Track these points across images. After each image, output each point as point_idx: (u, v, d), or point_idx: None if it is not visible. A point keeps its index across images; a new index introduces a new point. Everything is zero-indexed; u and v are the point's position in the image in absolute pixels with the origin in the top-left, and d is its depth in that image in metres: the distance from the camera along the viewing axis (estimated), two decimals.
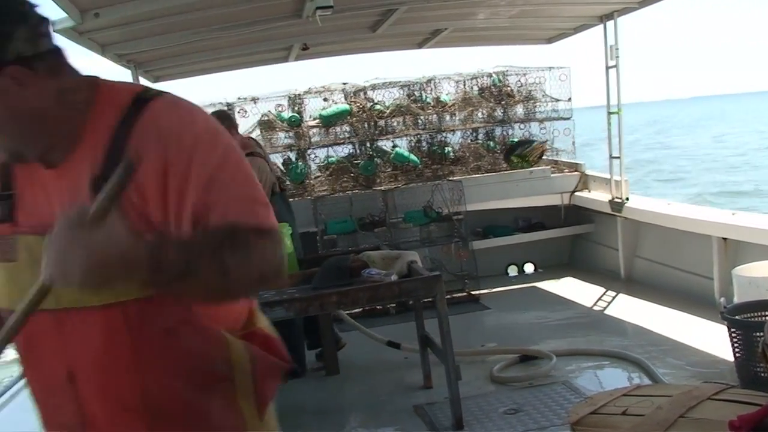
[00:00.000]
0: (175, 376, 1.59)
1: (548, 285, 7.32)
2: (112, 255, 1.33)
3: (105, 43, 5.38)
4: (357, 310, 6.77)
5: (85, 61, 1.76)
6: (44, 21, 1.50)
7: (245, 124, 7.87)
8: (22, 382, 1.82)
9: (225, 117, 5.72)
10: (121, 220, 1.37)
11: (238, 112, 7.78)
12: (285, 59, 7.69)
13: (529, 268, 7.99)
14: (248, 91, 8.15)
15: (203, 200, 1.50)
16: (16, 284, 1.57)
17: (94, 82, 1.59)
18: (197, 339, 1.59)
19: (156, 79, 7.59)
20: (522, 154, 8.03)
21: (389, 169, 7.91)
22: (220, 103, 7.78)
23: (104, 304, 1.50)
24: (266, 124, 7.86)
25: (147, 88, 1.62)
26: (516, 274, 7.94)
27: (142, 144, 1.50)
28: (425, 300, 5.10)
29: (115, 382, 1.58)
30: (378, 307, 6.85)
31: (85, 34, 4.89)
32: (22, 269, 1.56)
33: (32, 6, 1.49)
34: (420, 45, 7.64)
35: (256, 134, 7.87)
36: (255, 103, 7.87)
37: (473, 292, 7.04)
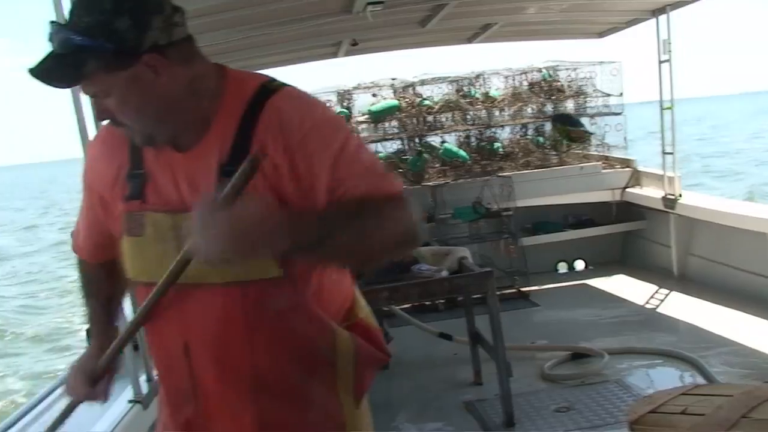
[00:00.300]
0: (282, 357, 1.69)
1: (599, 282, 7.22)
2: (251, 225, 1.42)
3: None
4: (405, 306, 6.77)
5: None
6: (178, 11, 1.59)
7: None
8: None
9: None
10: (254, 199, 1.46)
11: None
12: (334, 55, 7.69)
13: (579, 265, 7.89)
14: (298, 87, 8.18)
15: (333, 179, 1.59)
16: (142, 257, 1.71)
17: (222, 70, 1.69)
18: (306, 324, 1.69)
19: None
20: (567, 129, 7.95)
21: (438, 165, 7.88)
22: None
23: (225, 282, 1.62)
24: None
25: (271, 79, 1.71)
26: (566, 271, 7.85)
27: (267, 135, 1.60)
28: (475, 296, 5.08)
29: (227, 357, 1.69)
30: (426, 303, 6.83)
31: None
32: (147, 243, 1.69)
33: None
34: (469, 40, 7.59)
35: None
36: None
37: (522, 289, 6.99)
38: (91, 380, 1.84)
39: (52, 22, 1.54)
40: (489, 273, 4.15)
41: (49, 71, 1.52)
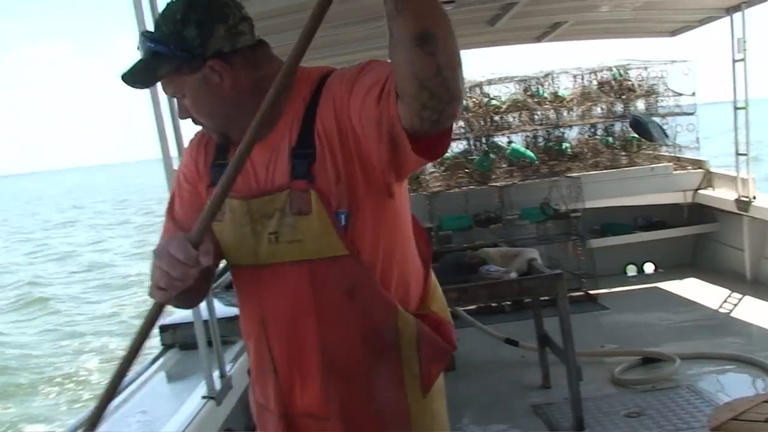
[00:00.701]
0: (349, 336, 1.76)
1: (669, 285, 7.07)
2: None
3: None
4: (471, 307, 6.74)
5: None
6: (246, 20, 1.76)
7: None
8: None
9: None
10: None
11: None
12: None
13: (648, 267, 7.75)
14: None
15: (360, 85, 1.63)
16: (223, 242, 1.83)
17: None
18: (371, 302, 1.75)
19: None
20: (641, 139, 7.85)
21: (504, 165, 7.82)
22: None
23: (294, 261, 1.73)
24: None
25: (333, 69, 1.81)
26: (635, 273, 7.71)
27: (324, 110, 1.71)
28: (543, 298, 5.03)
29: (297, 335, 1.79)
30: (493, 304, 6.79)
31: None
32: (227, 228, 1.81)
33: (235, 6, 1.75)
34: (538, 39, 7.51)
35: None
36: None
37: (591, 292, 6.89)
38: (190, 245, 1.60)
39: (141, 32, 1.76)
40: (559, 275, 4.10)
41: (132, 74, 1.73)
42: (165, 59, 1.71)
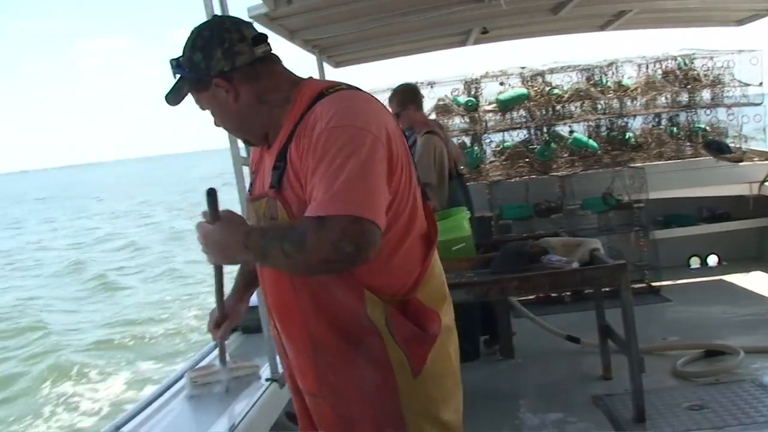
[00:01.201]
0: (328, 323, 1.93)
1: (734, 278, 6.95)
2: (220, 242, 1.88)
3: (293, 29, 5.54)
4: (530, 297, 6.71)
5: (274, 47, 1.99)
6: (242, 41, 1.97)
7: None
8: None
9: (408, 92, 5.77)
10: (226, 221, 1.89)
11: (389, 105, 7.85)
12: (463, 43, 7.65)
13: (712, 260, 7.63)
14: (425, 76, 8.20)
15: (309, 188, 1.82)
16: None
17: (297, 82, 2.03)
18: (344, 293, 1.90)
19: (337, 65, 7.75)
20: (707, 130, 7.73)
21: (566, 155, 7.76)
22: None
23: None
24: (442, 108, 7.90)
25: (338, 85, 1.98)
26: (698, 266, 7.60)
27: (300, 136, 1.88)
28: (605, 289, 4.99)
29: (287, 322, 2.04)
30: (553, 295, 6.76)
31: (276, 20, 5.05)
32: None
33: (235, 30, 1.98)
34: (602, 27, 7.40)
35: (431, 118, 7.93)
36: (432, 87, 7.92)
37: (653, 284, 6.81)
38: (216, 323, 2.33)
39: (169, 60, 2.05)
40: (623, 266, 4.05)
41: (167, 94, 2.06)
42: (185, 81, 2.03)
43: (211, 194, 1.92)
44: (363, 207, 1.72)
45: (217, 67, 1.96)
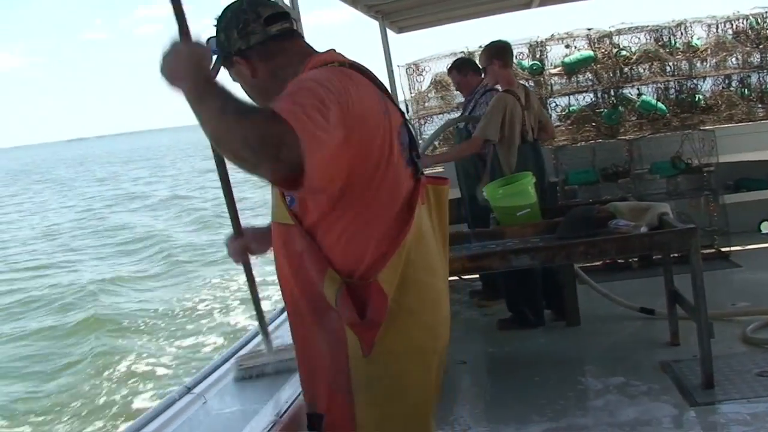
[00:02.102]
0: (300, 289, 2.07)
1: None
2: (176, 64, 1.76)
3: None
4: (597, 263, 6.66)
5: (339, 13, 2.03)
6: (256, 20, 2.12)
7: None
8: None
9: (495, 48, 5.67)
10: (186, 43, 1.82)
11: (478, 61, 7.79)
12: (528, 6, 7.57)
13: None
14: (487, 40, 8.13)
15: None
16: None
17: (306, 55, 2.12)
18: (312, 266, 2.00)
19: (400, 30, 7.75)
20: None
21: (634, 118, 7.63)
22: (462, 52, 7.82)
23: (277, 221, 2.11)
24: None
25: (335, 60, 2.05)
26: None
27: None
28: (673, 255, 4.93)
29: (279, 279, 2.16)
30: (620, 261, 6.69)
31: None
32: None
33: (251, 11, 2.13)
34: None
35: (521, 82, 7.86)
36: None
37: (723, 249, 6.69)
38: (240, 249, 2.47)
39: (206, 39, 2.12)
40: (693, 230, 3.98)
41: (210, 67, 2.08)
42: (217, 59, 2.16)
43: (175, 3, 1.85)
44: (301, 127, 1.70)
45: (235, 45, 2.14)
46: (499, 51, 5.60)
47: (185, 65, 1.74)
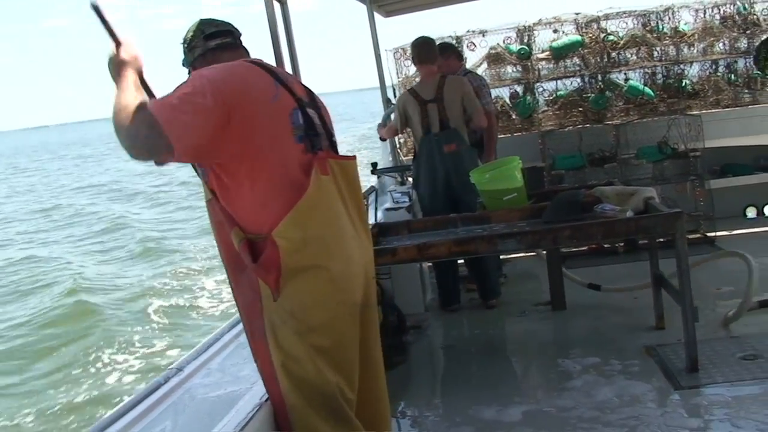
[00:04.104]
0: (226, 251, 2.49)
1: None
2: (112, 66, 2.36)
3: None
4: (583, 248, 6.68)
5: None
6: (196, 38, 2.66)
7: (473, 58, 7.89)
8: None
9: (445, 47, 6.17)
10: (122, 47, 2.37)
11: (467, 46, 7.79)
12: None
13: None
14: (477, 24, 8.11)
15: None
16: None
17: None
18: (229, 230, 2.43)
19: (388, 14, 7.71)
20: (766, 76, 7.47)
21: (621, 103, 7.64)
22: (449, 36, 7.79)
23: (206, 200, 2.53)
24: (495, 57, 7.80)
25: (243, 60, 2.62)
26: (755, 216, 7.43)
27: None
28: (659, 240, 4.94)
29: (219, 250, 2.55)
30: (605, 245, 6.71)
31: None
32: None
33: (197, 29, 2.66)
34: None
35: (483, 68, 7.85)
36: (483, 36, 7.83)
37: (708, 234, 6.72)
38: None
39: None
40: (679, 214, 3.98)
41: None
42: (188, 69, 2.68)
43: (97, 10, 2.32)
44: (172, 132, 2.17)
45: (188, 59, 2.68)
46: (446, 49, 6.21)
47: (111, 69, 2.34)
